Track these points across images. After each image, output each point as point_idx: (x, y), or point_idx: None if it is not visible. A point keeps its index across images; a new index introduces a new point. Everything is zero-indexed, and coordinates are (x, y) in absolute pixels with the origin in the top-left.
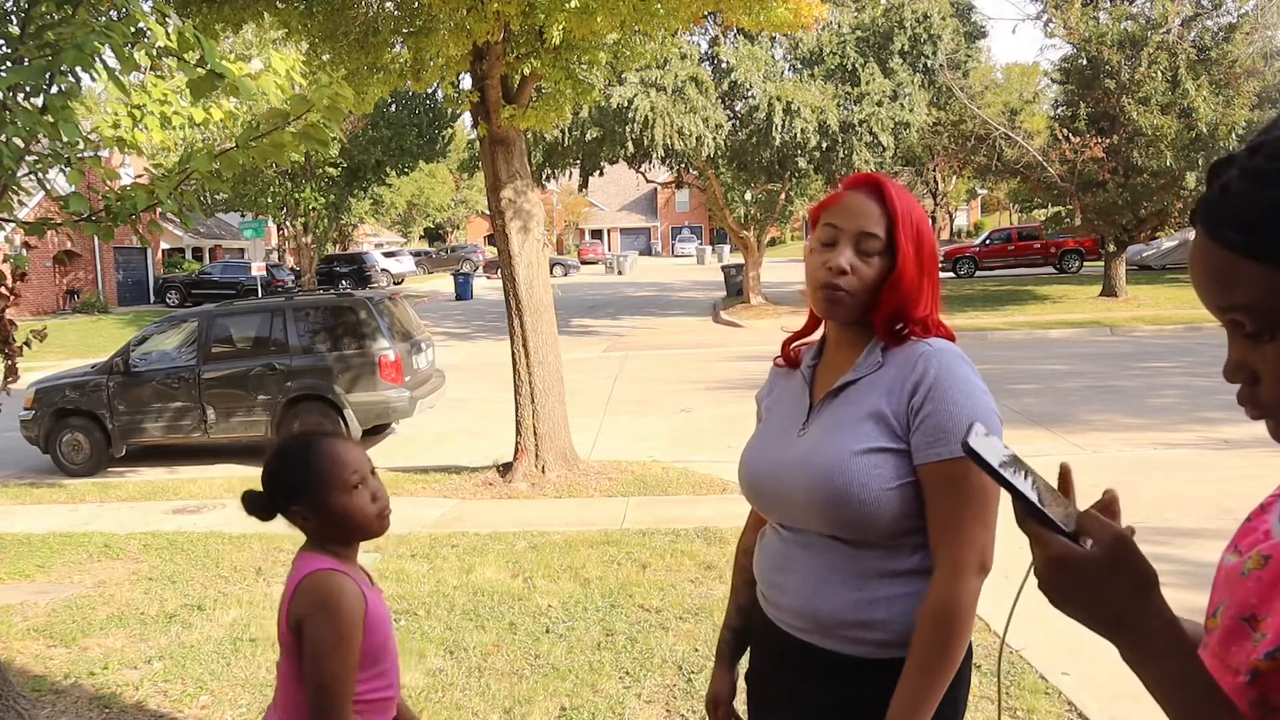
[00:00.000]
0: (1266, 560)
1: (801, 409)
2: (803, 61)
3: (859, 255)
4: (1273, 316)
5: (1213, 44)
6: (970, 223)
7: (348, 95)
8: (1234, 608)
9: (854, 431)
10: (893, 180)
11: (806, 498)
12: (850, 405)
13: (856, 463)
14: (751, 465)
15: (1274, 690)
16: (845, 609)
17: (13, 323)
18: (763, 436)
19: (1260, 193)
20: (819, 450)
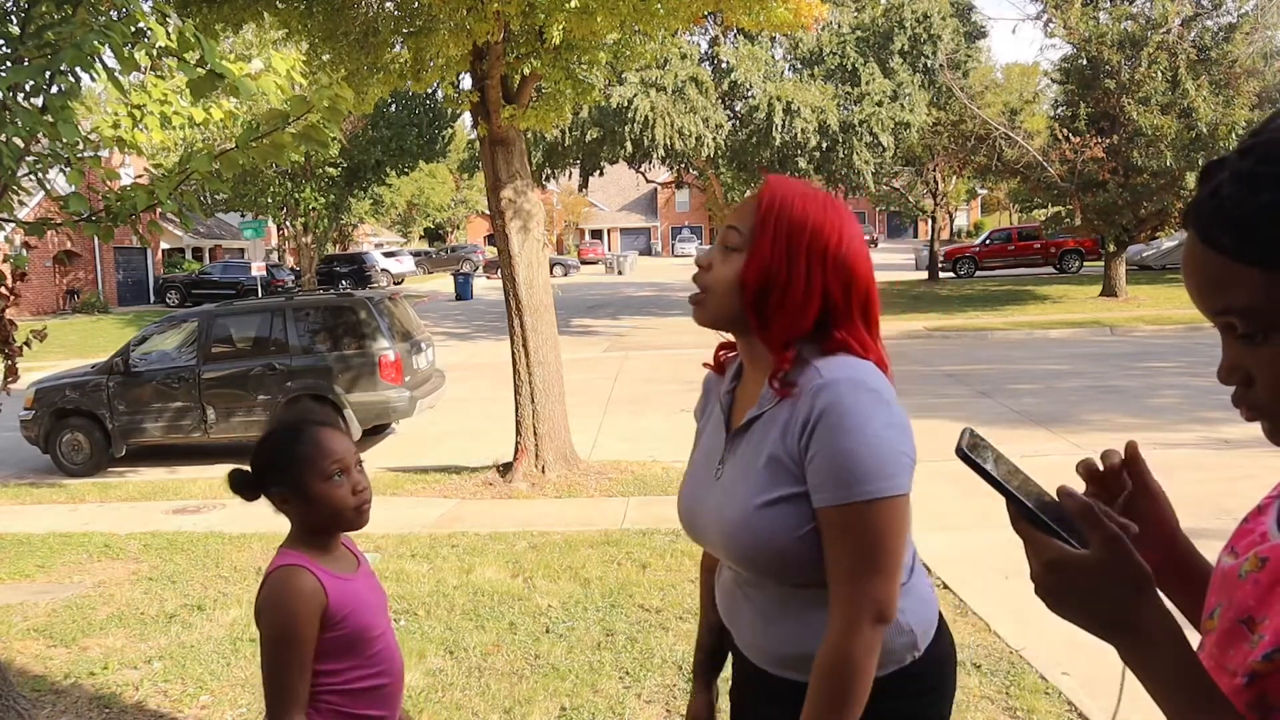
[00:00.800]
0: (1264, 562)
1: (720, 440)
2: (803, 61)
3: (721, 251)
4: (1265, 319)
5: (1213, 44)
6: (970, 223)
7: (348, 96)
8: (1231, 610)
9: (756, 480)
10: (795, 183)
11: (725, 551)
12: (753, 446)
13: (760, 517)
14: (684, 508)
15: (1272, 691)
16: (790, 644)
17: (13, 323)
18: (691, 473)
19: (1252, 196)
20: (728, 503)
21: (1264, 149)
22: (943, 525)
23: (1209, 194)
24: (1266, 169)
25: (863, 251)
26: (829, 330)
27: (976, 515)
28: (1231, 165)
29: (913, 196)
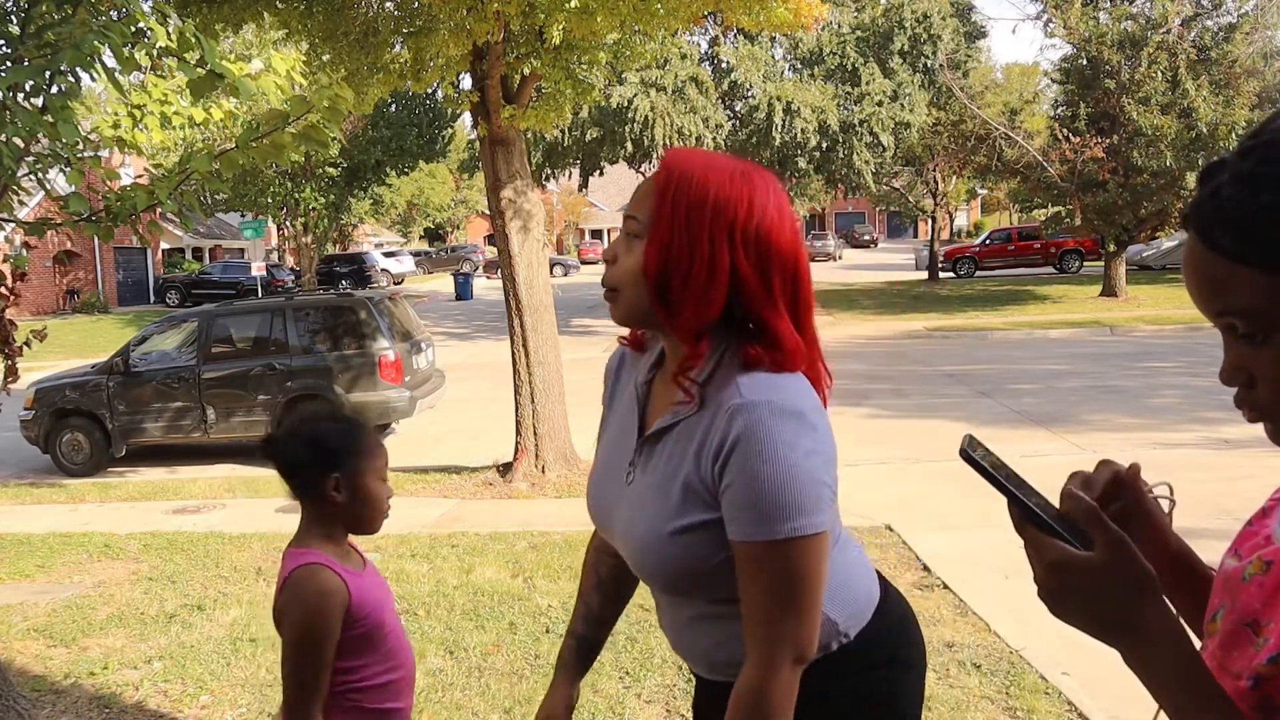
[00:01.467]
0: (1269, 566)
1: (630, 439)
2: (803, 61)
3: (625, 241)
4: (1266, 320)
5: (1213, 44)
6: (970, 223)
7: (347, 96)
8: (1235, 613)
9: (667, 503)
10: (699, 153)
11: (634, 566)
12: (665, 461)
13: (672, 544)
14: (593, 502)
15: (1277, 694)
16: (715, 651)
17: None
18: (602, 464)
19: (1252, 197)
20: (638, 520)
21: (1264, 150)
22: (943, 525)
23: (1209, 195)
24: (1266, 170)
25: (782, 224)
26: (746, 316)
27: (976, 515)
28: (1232, 166)
29: (913, 196)
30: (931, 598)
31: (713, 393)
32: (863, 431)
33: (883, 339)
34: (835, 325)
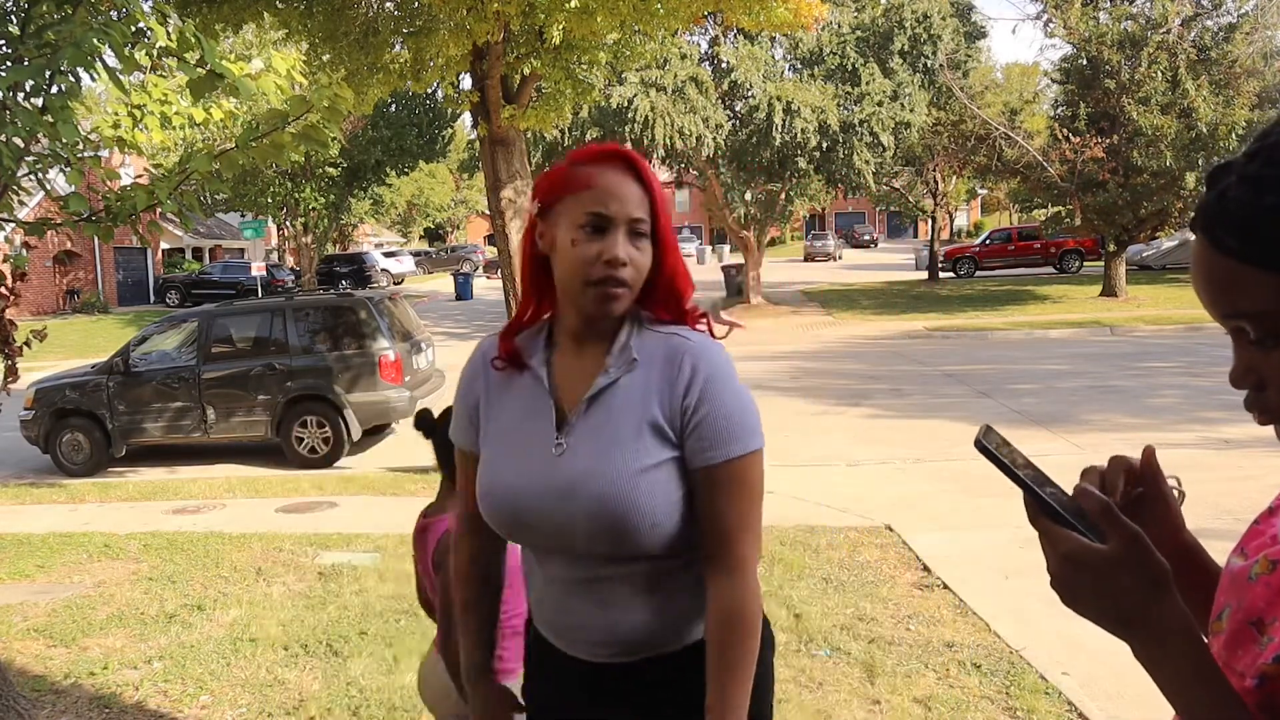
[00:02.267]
0: (1274, 565)
1: (545, 419)
2: (803, 61)
3: (632, 242)
4: (1275, 323)
5: (1213, 44)
6: (970, 223)
7: (347, 96)
8: (1241, 612)
9: (632, 447)
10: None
11: (588, 527)
12: (615, 413)
13: (641, 482)
14: (507, 498)
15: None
16: (655, 629)
17: (13, 323)
18: (506, 457)
19: (1259, 199)
20: (594, 474)
21: (1269, 152)
22: (943, 525)
23: (1216, 197)
24: (1272, 172)
25: None
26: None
27: (976, 515)
28: (1238, 169)
29: (913, 196)
30: (931, 598)
31: (647, 349)
32: (862, 431)
33: (883, 339)
34: (835, 325)
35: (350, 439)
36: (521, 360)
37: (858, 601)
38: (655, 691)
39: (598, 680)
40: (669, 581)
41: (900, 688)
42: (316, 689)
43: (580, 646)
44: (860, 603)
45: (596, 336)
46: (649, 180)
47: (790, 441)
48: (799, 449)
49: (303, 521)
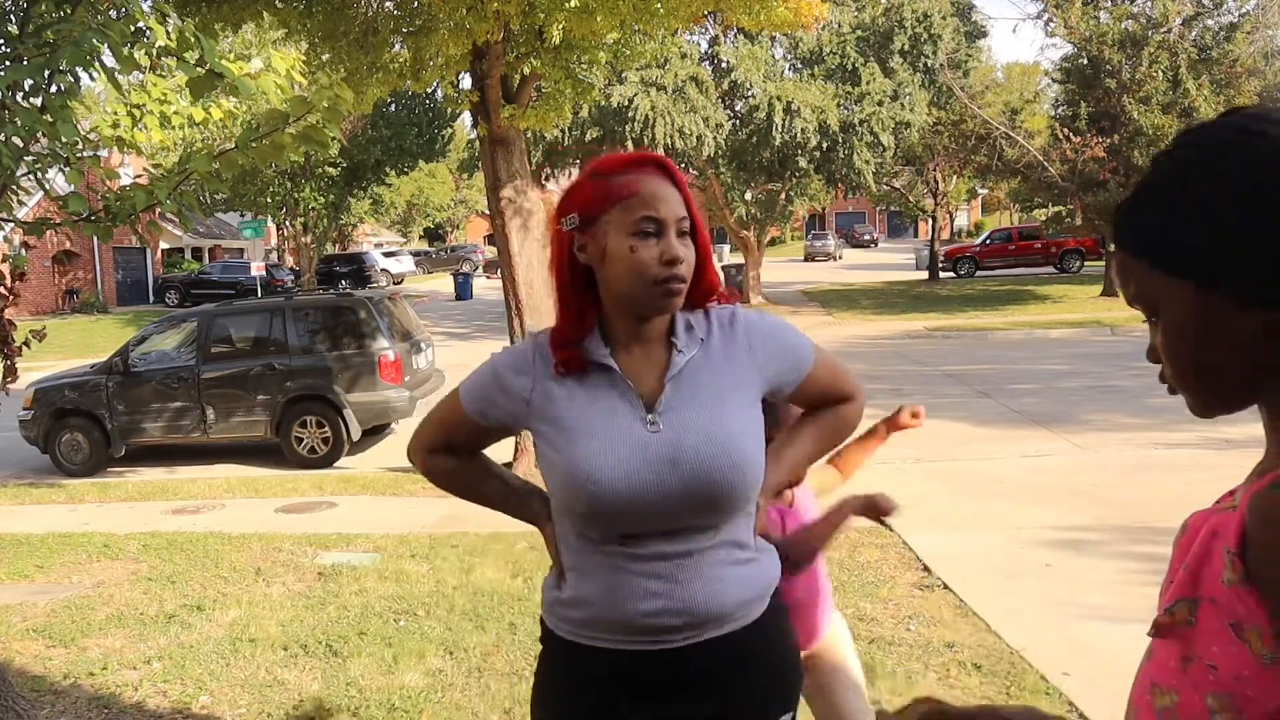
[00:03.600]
0: (1184, 529)
1: (630, 404)
2: (803, 61)
3: (681, 241)
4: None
5: (1214, 43)
6: (970, 223)
7: (347, 97)
8: (1169, 571)
9: (723, 410)
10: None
11: (696, 491)
12: (700, 386)
13: (739, 438)
14: (613, 474)
15: (1181, 641)
16: (735, 600)
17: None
18: (601, 442)
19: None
20: (698, 439)
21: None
22: (943, 525)
23: (1128, 202)
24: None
25: None
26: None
27: (977, 515)
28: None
29: (913, 196)
30: (931, 598)
31: (702, 327)
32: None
33: (883, 339)
34: (835, 325)
35: (350, 439)
36: (584, 360)
37: (858, 601)
38: (716, 670)
39: (655, 667)
40: (742, 552)
41: (901, 688)
42: (316, 689)
43: (655, 634)
44: (860, 603)
45: (650, 331)
46: (681, 182)
47: None
48: None
49: (302, 522)
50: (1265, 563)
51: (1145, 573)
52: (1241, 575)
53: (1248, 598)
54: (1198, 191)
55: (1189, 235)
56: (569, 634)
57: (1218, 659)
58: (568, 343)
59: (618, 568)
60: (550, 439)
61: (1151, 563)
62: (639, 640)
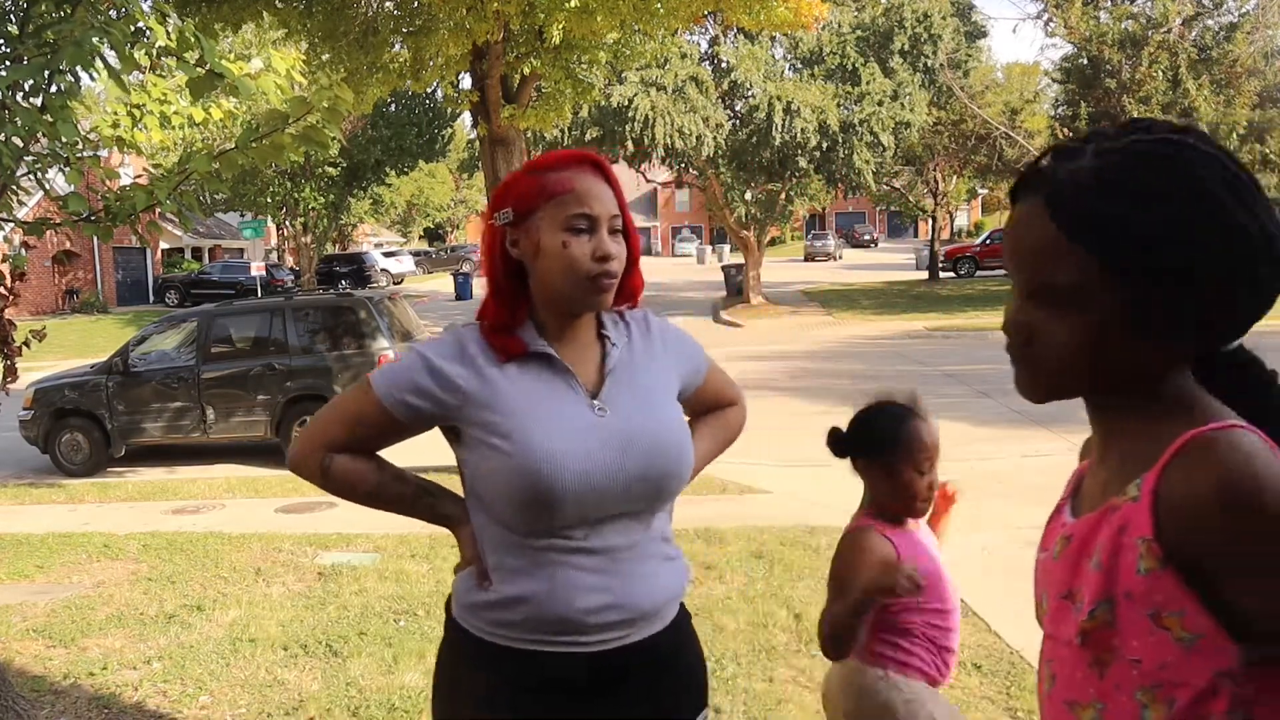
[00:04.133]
0: (1069, 540)
1: (574, 391)
2: (803, 61)
3: (613, 238)
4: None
5: (1214, 43)
6: (970, 223)
7: (347, 97)
8: (1054, 589)
9: (663, 399)
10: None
11: (644, 475)
12: (636, 377)
13: (679, 427)
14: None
15: (1102, 646)
16: (665, 597)
17: (12, 323)
18: (549, 427)
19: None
20: (646, 424)
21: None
22: None
23: (1069, 176)
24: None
25: None
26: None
27: (976, 515)
28: (1090, 160)
29: (913, 196)
30: None
31: (627, 325)
32: None
33: (883, 339)
34: (835, 325)
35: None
36: (525, 347)
37: None
38: (650, 670)
39: (601, 668)
40: (670, 547)
41: None
42: (316, 689)
43: (592, 634)
44: None
45: (579, 326)
46: (615, 181)
47: (790, 441)
48: (799, 449)
49: (302, 521)
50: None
51: None
52: (1160, 560)
53: (1166, 582)
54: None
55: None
56: (501, 639)
57: (1139, 652)
58: (506, 329)
59: (557, 562)
60: (494, 427)
61: None
62: (577, 642)
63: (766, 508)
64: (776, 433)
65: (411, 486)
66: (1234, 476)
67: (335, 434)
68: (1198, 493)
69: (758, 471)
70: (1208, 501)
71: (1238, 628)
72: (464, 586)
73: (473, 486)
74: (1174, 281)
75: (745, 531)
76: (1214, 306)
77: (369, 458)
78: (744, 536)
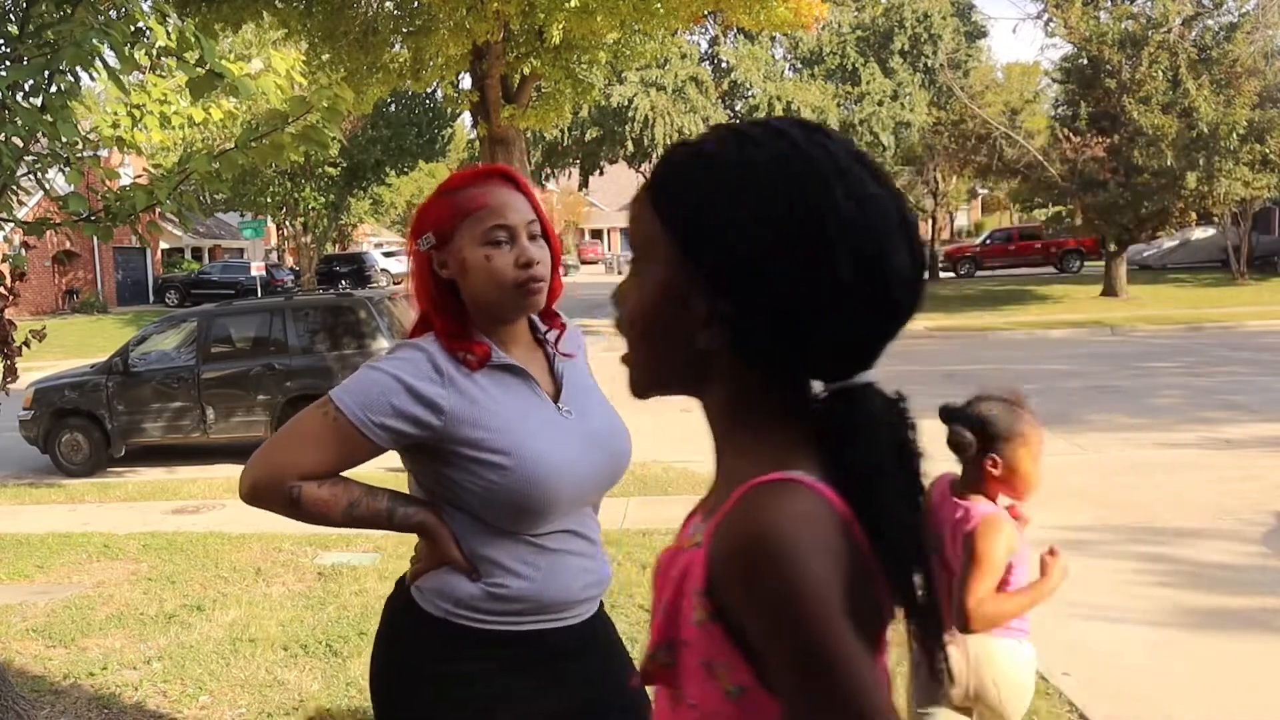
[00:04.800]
0: (659, 564)
1: (539, 397)
2: (803, 61)
3: (534, 243)
4: (659, 269)
5: (1214, 43)
6: (970, 223)
7: (347, 97)
8: (657, 593)
9: (600, 393)
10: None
11: (611, 470)
12: (582, 382)
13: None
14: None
15: (667, 684)
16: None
17: (12, 323)
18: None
19: (688, 190)
20: (606, 424)
21: (711, 147)
22: None
23: (669, 168)
24: (701, 168)
25: None
26: None
27: None
28: (688, 151)
29: (913, 196)
30: None
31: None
32: None
33: None
34: None
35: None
36: (489, 352)
37: None
38: (606, 623)
39: (586, 633)
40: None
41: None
42: (316, 689)
43: (578, 608)
44: None
45: (516, 334)
46: (527, 188)
47: None
48: None
49: None
50: (742, 598)
51: (1145, 573)
52: (711, 614)
53: (716, 635)
54: (723, 172)
55: (697, 202)
56: (504, 624)
57: (697, 698)
58: (463, 335)
59: (550, 550)
60: (485, 443)
61: (1151, 563)
62: (572, 615)
63: None
64: None
65: (384, 500)
66: (754, 538)
67: (300, 460)
68: (728, 548)
69: None
70: (732, 558)
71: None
72: (450, 583)
73: (454, 497)
74: (745, 278)
75: None
76: (796, 316)
77: (335, 480)
78: None
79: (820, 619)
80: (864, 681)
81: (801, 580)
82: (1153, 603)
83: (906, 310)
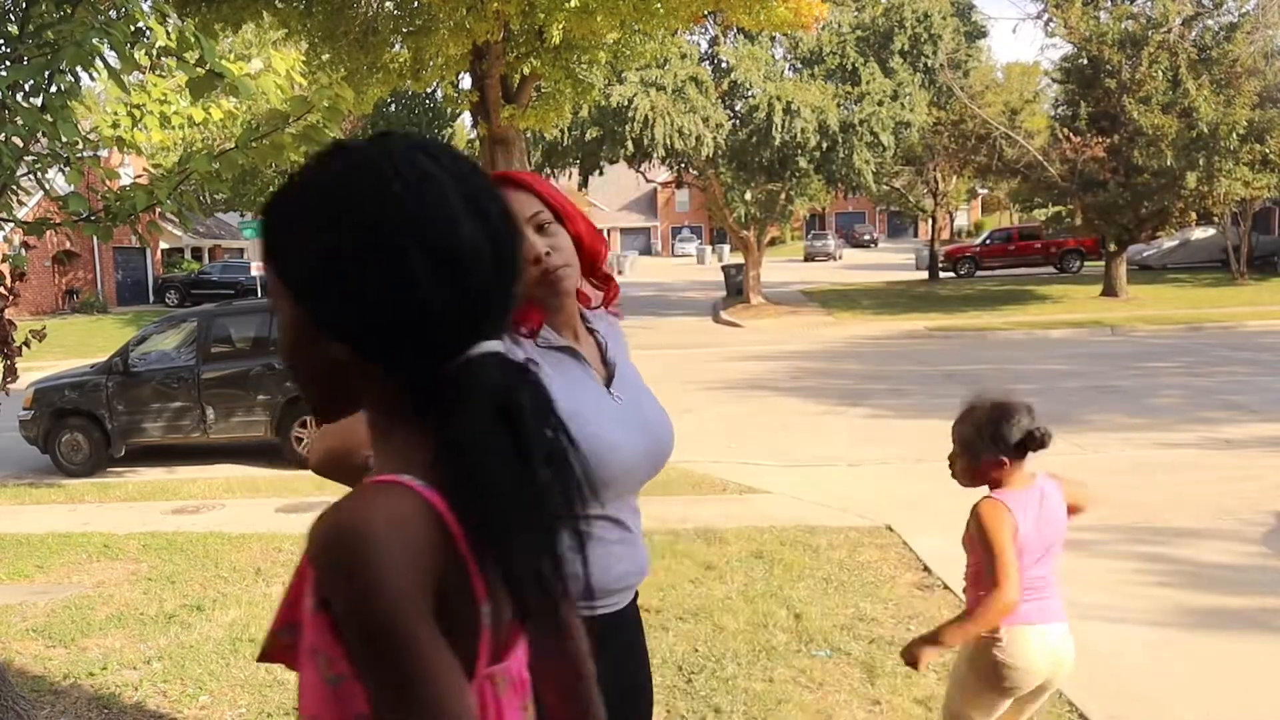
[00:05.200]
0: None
1: (593, 380)
2: (803, 61)
3: (543, 235)
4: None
5: (1214, 43)
6: (970, 223)
7: (347, 96)
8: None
9: (644, 383)
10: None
11: (657, 456)
12: (627, 371)
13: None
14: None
15: (290, 664)
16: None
17: (12, 323)
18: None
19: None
20: (654, 411)
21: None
22: (943, 525)
23: (264, 211)
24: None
25: None
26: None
27: None
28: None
29: (913, 196)
30: (931, 598)
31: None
32: (862, 431)
33: (883, 339)
34: (835, 325)
35: None
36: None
37: (858, 602)
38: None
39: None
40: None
41: (900, 688)
42: None
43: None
44: (860, 603)
45: (565, 321)
46: (526, 181)
47: (790, 441)
48: (799, 449)
49: (302, 521)
50: (328, 590)
51: (1145, 573)
52: (318, 603)
53: (323, 624)
54: (300, 212)
55: (293, 248)
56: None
57: (308, 681)
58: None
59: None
60: None
61: (1152, 563)
62: (599, 604)
63: (766, 508)
64: (777, 432)
65: None
66: (336, 533)
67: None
68: (318, 541)
69: (758, 471)
70: (321, 553)
71: None
72: None
73: None
74: (324, 282)
75: (745, 531)
76: (380, 306)
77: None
78: (744, 536)
79: (391, 615)
80: (437, 679)
81: (377, 578)
82: (1152, 602)
83: (492, 275)
